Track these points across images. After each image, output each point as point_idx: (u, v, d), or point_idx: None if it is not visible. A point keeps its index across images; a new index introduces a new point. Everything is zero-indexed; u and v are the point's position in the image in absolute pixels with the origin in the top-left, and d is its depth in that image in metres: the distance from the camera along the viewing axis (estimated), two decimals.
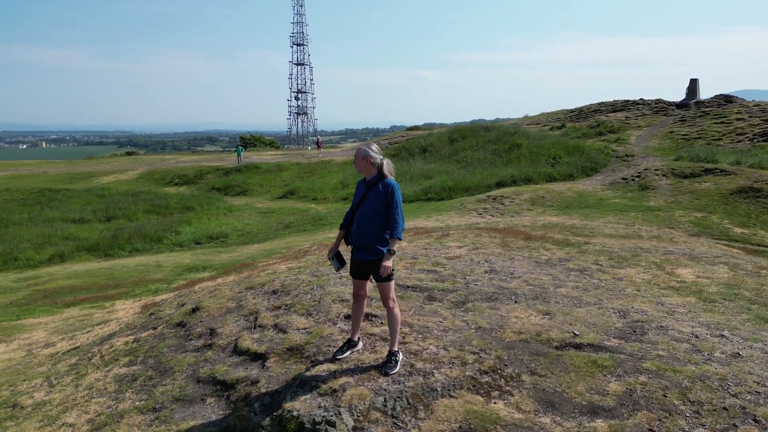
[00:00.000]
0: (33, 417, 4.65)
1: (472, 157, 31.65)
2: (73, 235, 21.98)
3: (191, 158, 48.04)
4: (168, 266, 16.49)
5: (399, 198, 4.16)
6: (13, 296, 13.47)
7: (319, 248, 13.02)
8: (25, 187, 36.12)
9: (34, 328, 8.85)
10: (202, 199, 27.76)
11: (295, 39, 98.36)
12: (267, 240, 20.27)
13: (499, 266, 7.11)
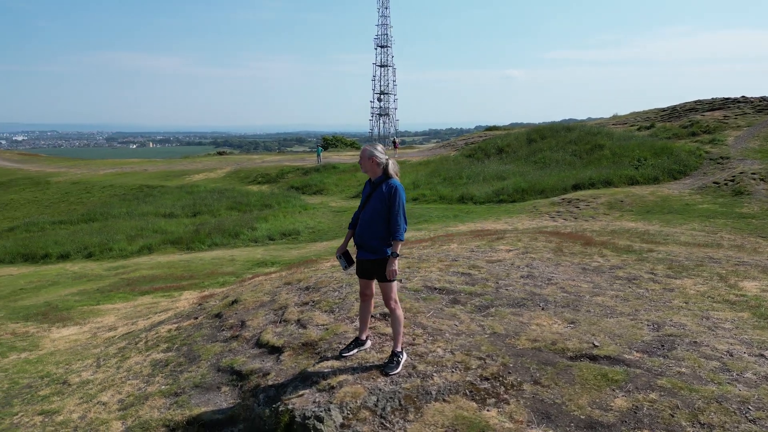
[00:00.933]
0: (75, 394, 5.12)
1: (550, 158, 30.59)
2: (162, 229, 23.66)
3: (275, 158, 50.09)
4: (240, 260, 17.34)
5: (402, 199, 4.15)
6: (101, 283, 14.76)
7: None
8: (127, 183, 39.36)
9: (108, 313, 9.67)
10: (280, 198, 28.88)
11: (380, 41, 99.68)
12: (335, 238, 20.75)
13: (540, 272, 6.87)
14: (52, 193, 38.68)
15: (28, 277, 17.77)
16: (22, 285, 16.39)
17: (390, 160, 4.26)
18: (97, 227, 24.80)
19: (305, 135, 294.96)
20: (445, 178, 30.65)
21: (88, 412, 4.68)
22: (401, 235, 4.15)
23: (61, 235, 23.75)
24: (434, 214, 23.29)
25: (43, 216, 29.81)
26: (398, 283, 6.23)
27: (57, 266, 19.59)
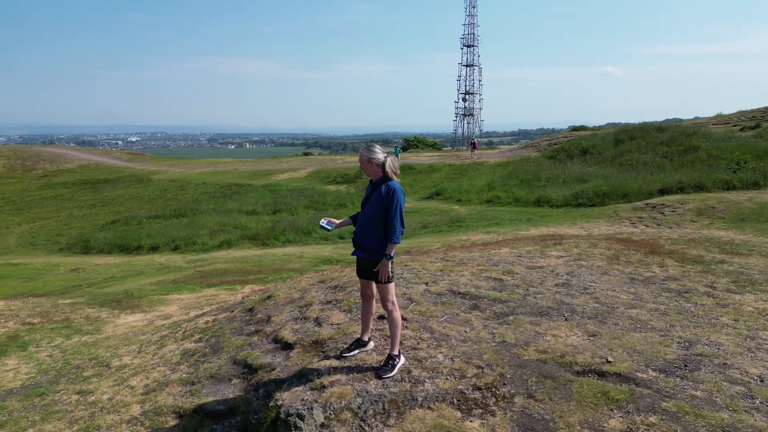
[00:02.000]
0: (111, 377, 5.54)
1: (637, 160, 28.79)
2: (242, 225, 24.91)
3: (354, 158, 51.04)
4: (309, 257, 17.88)
5: (399, 201, 4.10)
6: (178, 274, 15.80)
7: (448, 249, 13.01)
8: (218, 181, 41.76)
9: (172, 303, 10.34)
10: (355, 197, 29.40)
11: (466, 40, 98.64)
12: (403, 238, 20.83)
13: (580, 280, 6.51)
14: (153, 189, 41.81)
15: (120, 267, 19.41)
16: (113, 273, 17.93)
17: (388, 158, 4.22)
18: (185, 222, 26.54)
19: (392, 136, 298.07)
20: (522, 180, 29.76)
21: (117, 395, 5.05)
22: (397, 237, 4.11)
23: (154, 229, 25.67)
24: (506, 217, 22.72)
25: (142, 211, 32.33)
26: (424, 286, 6.16)
27: (147, 257, 21.22)
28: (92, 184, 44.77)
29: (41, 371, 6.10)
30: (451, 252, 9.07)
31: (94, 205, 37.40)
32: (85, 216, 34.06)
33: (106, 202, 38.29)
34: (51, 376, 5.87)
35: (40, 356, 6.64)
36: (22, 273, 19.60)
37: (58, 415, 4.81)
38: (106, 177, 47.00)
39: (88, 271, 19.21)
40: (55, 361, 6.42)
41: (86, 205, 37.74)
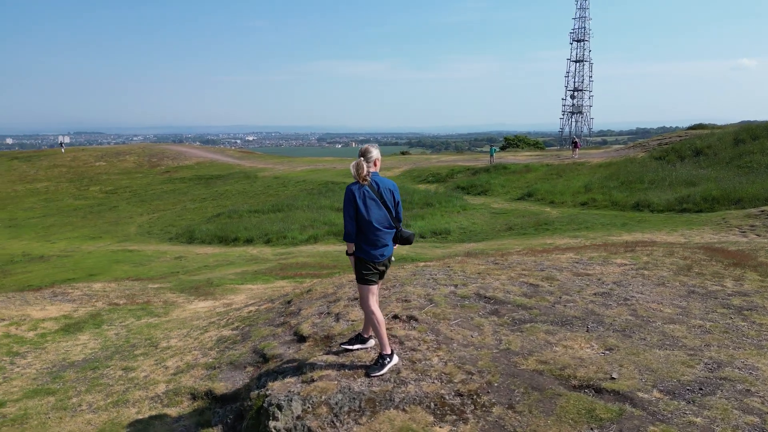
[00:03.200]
0: (154, 357, 6.04)
1: (759, 162, 25.90)
2: (330, 221, 25.74)
3: (450, 158, 50.70)
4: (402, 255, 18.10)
5: (345, 201, 4.18)
6: (262, 266, 16.72)
7: (528, 253, 12.61)
8: (316, 179, 43.48)
9: (242, 292, 10.99)
10: (442, 197, 29.26)
11: (576, 35, 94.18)
12: (484, 240, 20.44)
13: (625, 290, 6.04)
14: (258, 186, 44.43)
15: (216, 257, 20.90)
16: (208, 262, 19.36)
17: (355, 161, 4.23)
18: (280, 217, 27.93)
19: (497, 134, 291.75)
20: (623, 182, 27.91)
21: (152, 373, 5.51)
22: (344, 237, 4.20)
23: (251, 223, 27.30)
24: (599, 221, 21.48)
25: (245, 205, 34.48)
26: (452, 288, 6.05)
27: (241, 249, 22.65)
28: (206, 180, 48.45)
29: (104, 347, 6.80)
30: (506, 256, 8.79)
31: (205, 199, 40.47)
32: (196, 209, 36.97)
33: (215, 196, 41.28)
34: (109, 352, 6.53)
35: (108, 334, 7.40)
36: (135, 258, 21.75)
37: (99, 387, 5.36)
38: (219, 173, 50.64)
39: (189, 259, 20.89)
40: (119, 339, 7.12)
41: (198, 198, 40.94)
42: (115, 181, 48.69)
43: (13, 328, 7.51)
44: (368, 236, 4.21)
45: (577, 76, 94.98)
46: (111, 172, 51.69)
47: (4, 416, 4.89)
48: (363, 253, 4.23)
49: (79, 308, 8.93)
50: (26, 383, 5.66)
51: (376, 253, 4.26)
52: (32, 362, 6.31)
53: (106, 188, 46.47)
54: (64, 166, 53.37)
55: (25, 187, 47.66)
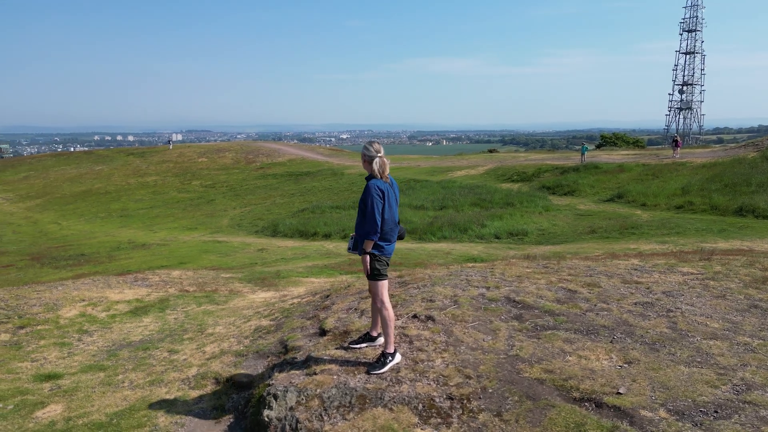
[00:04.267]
0: (197, 342, 6.43)
1: None
2: (406, 219, 25.86)
3: (539, 156, 49.01)
4: (455, 254, 17.94)
5: (372, 197, 4.08)
6: (333, 260, 17.16)
7: (588, 258, 12.00)
8: (400, 176, 43.80)
9: (303, 285, 11.36)
10: (524, 197, 28.39)
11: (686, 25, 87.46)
12: (563, 243, 19.60)
13: (672, 301, 5.57)
14: (343, 182, 45.57)
15: (294, 250, 21.73)
16: (286, 255, 20.18)
17: (378, 158, 4.21)
18: None
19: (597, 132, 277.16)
20: (726, 184, 25.59)
21: (190, 357, 5.88)
22: (369, 235, 4.10)
23: (332, 218, 28.07)
24: (693, 227, 19.90)
25: (328, 201, 35.52)
26: (484, 290, 5.90)
27: (318, 243, 23.37)
28: (296, 176, 50.42)
29: (161, 330, 7.34)
30: (561, 260, 8.41)
31: (293, 194, 42.15)
32: (284, 204, 38.62)
33: (303, 192, 42.86)
34: (163, 335, 7.04)
35: (168, 318, 7.97)
36: (221, 249, 23.14)
37: (144, 367, 5.80)
38: (308, 170, 52.49)
39: (270, 251, 21.88)
40: (175, 323, 7.65)
41: (287, 194, 42.72)
42: (215, 176, 51.95)
43: (90, 308, 8.31)
44: (386, 233, 4.23)
45: (687, 70, 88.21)
46: (211, 167, 55.23)
47: (58, 387, 5.44)
48: (379, 249, 4.25)
49: (152, 293, 9.68)
50: (85, 359, 6.25)
51: (390, 248, 4.29)
52: (96, 340, 6.95)
53: (205, 183, 49.73)
54: (171, 162, 57.76)
55: (137, 180, 52.17)
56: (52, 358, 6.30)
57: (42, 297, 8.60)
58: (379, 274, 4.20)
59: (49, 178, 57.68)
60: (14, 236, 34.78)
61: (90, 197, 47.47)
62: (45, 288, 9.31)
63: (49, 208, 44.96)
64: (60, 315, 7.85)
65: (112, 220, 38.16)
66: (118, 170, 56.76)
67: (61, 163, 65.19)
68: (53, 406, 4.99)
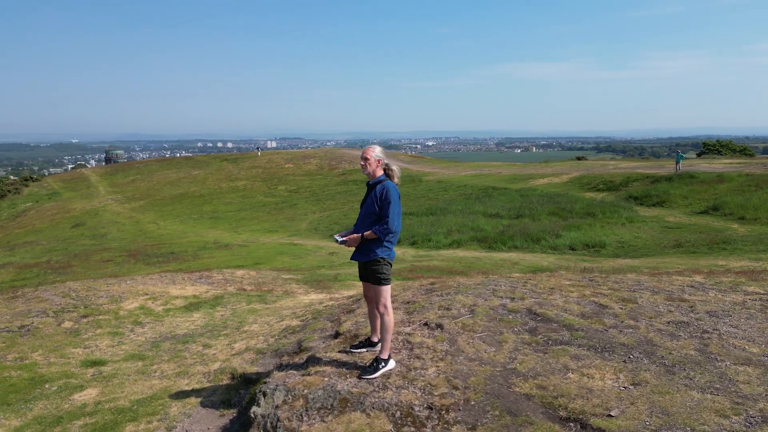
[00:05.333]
0: (230, 338, 6.71)
1: None
2: (477, 227, 25.43)
3: (630, 164, 46.35)
4: (523, 265, 17.39)
5: (393, 198, 4.07)
6: (396, 266, 17.21)
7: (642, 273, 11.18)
8: (478, 184, 43.19)
9: (356, 288, 11.50)
10: (607, 207, 26.96)
11: None
12: (643, 256, 18.40)
13: (711, 321, 5.06)
14: (420, 189, 45.64)
15: None
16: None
17: (396, 163, 4.24)
18: (431, 220, 28.39)
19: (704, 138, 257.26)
20: None
21: (219, 352, 6.16)
22: (381, 233, 4.07)
23: (403, 224, 28.18)
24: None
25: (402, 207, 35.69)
26: (507, 301, 5.69)
27: None
28: None
29: (205, 325, 7.73)
30: (611, 274, 7.92)
31: None
32: None
33: None
34: (205, 330, 7.42)
35: (216, 314, 8.39)
36: (295, 251, 23.95)
37: (177, 359, 6.15)
38: None
39: (340, 255, 22.34)
40: (221, 320, 8.03)
41: None
42: (299, 181, 53.92)
43: (150, 302, 8.94)
44: (394, 237, 4.25)
45: None
46: (297, 173, 57.38)
47: (100, 373, 5.90)
48: (389, 253, 4.25)
49: (210, 290, 10.24)
50: (131, 348, 6.73)
51: (394, 254, 4.30)
52: (147, 332, 7.46)
53: (290, 188, 51.74)
54: (260, 167, 60.64)
55: (228, 184, 55.27)
56: (103, 346, 6.84)
57: (110, 290, 9.36)
58: (386, 278, 4.20)
59: (152, 181, 62.57)
60: (118, 234, 38.08)
61: (186, 199, 50.92)
62: (116, 282, 10.13)
63: (150, 209, 48.74)
64: (121, 307, 8.50)
65: (203, 221, 40.68)
66: (212, 175, 60.45)
67: (164, 168, 70.47)
68: (90, 390, 5.41)
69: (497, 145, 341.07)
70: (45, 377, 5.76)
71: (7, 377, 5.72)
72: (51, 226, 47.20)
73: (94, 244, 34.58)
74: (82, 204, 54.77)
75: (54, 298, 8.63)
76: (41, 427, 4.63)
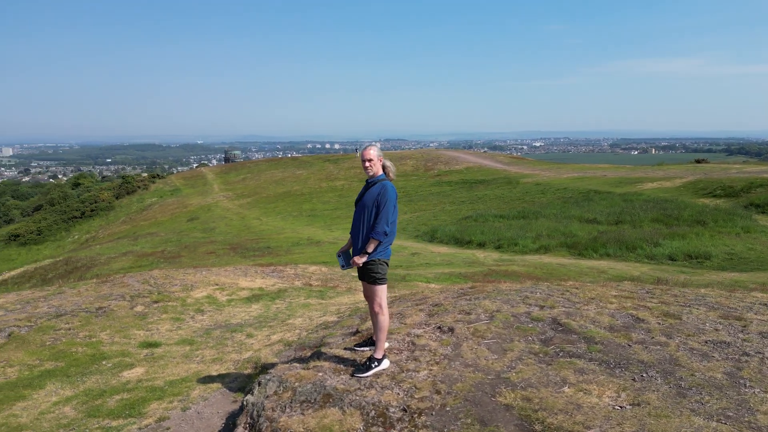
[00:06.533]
0: (272, 329, 7.01)
1: None
2: (569, 232, 24.24)
3: (756, 168, 41.68)
4: (611, 274, 16.37)
5: (392, 200, 4.07)
6: (472, 269, 16.92)
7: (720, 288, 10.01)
8: (579, 187, 41.11)
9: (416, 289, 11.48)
10: (721, 214, 24.53)
11: None
12: (753, 271, 16.59)
13: (757, 343, 4.45)
14: (516, 191, 44.37)
15: (443, 256, 21.88)
16: (433, 260, 20.44)
17: (390, 162, 4.23)
18: (520, 224, 27.51)
19: None
20: None
21: (257, 342, 6.47)
22: (379, 234, 4.07)
23: (491, 227, 27.56)
24: None
25: (494, 210, 34.92)
26: (536, 309, 5.42)
27: (469, 252, 23.18)
28: (470, 184, 50.51)
29: (258, 316, 8.14)
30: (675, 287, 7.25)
31: (463, 202, 42.32)
32: (452, 211, 38.99)
33: (473, 200, 42.77)
34: (256, 321, 7.80)
35: (272, 307, 8.78)
36: None
37: (220, 346, 6.55)
38: (483, 178, 52.20)
39: (421, 256, 22.38)
40: (274, 312, 8.40)
41: (457, 201, 43.04)
42: (394, 182, 54.58)
43: (218, 292, 9.57)
44: (391, 237, 4.28)
45: None
46: None
47: (152, 354, 6.45)
48: (384, 254, 4.28)
49: (277, 284, 10.74)
50: (186, 333, 7.27)
51: (390, 251, 4.31)
52: (205, 319, 8.01)
53: None
54: (359, 168, 62.16)
55: (327, 184, 57.35)
56: (163, 330, 7.45)
57: (185, 279, 10.15)
58: (381, 278, 4.21)
59: (260, 180, 66.50)
60: (225, 228, 40.95)
61: (288, 198, 53.56)
62: (192, 272, 10.95)
63: (256, 205, 51.85)
64: (190, 295, 9.19)
65: (301, 218, 42.56)
66: (314, 174, 63.01)
67: (271, 167, 74.59)
68: (137, 369, 5.94)
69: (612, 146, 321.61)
70: (105, 354, 6.41)
71: (74, 352, 6.44)
72: (170, 220, 51.86)
73: (203, 237, 37.47)
74: (198, 200, 59.51)
75: (135, 284, 9.53)
76: (86, 399, 5.16)
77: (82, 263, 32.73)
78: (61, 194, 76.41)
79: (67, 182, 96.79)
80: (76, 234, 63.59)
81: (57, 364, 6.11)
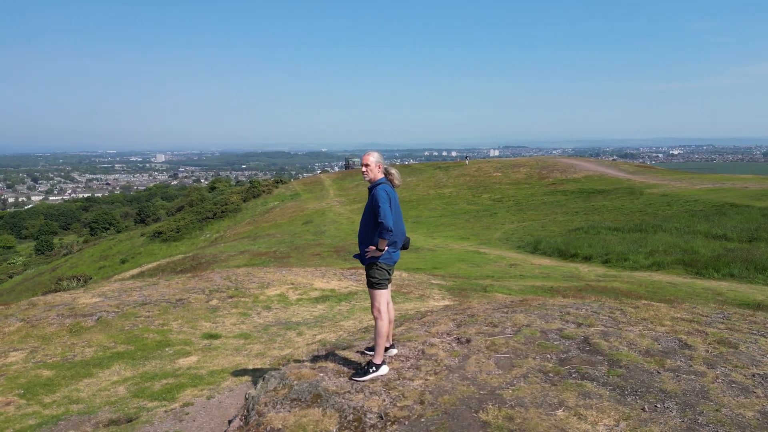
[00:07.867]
0: (320, 330, 7.18)
1: None
2: (690, 248, 22.00)
3: None
4: (728, 296, 14.69)
5: (381, 198, 4.03)
6: (568, 284, 16.01)
7: None
8: (712, 199, 37.17)
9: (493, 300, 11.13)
10: None
11: None
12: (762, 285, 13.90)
13: None
14: (638, 203, 41.15)
15: (543, 269, 20.91)
16: (530, 273, 19.63)
17: (393, 166, 4.20)
18: (635, 237, 25.45)
19: None
20: None
21: (302, 340, 6.69)
22: (385, 233, 4.04)
23: (602, 240, 25.83)
24: None
25: (609, 222, 32.68)
26: (571, 327, 5.03)
27: (573, 265, 21.91)
28: (587, 194, 47.77)
29: (318, 316, 8.38)
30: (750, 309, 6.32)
31: (577, 213, 40.11)
32: (563, 221, 37.12)
33: (589, 210, 40.39)
34: (313, 321, 8.05)
35: (336, 308, 8.96)
36: (476, 260, 23.87)
37: (269, 342, 6.85)
38: (603, 188, 49.09)
39: (519, 267, 21.60)
40: (334, 313, 8.60)
41: (571, 212, 40.89)
42: (504, 190, 53.28)
43: (291, 291, 10.02)
44: (397, 238, 4.28)
45: None
46: (503, 182, 56.79)
47: (209, 345, 6.92)
48: (389, 259, 4.27)
49: (351, 286, 10.99)
50: (247, 328, 7.70)
51: (396, 256, 4.28)
52: (268, 316, 8.43)
53: (494, 196, 51.45)
54: (468, 176, 61.58)
55: (436, 191, 57.40)
56: (228, 323, 7.97)
57: (264, 277, 10.75)
58: (378, 282, 4.19)
59: None
60: (334, 232, 42.59)
61: None
62: (273, 270, 11.56)
63: None
64: (264, 292, 9.72)
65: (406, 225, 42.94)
66: (423, 182, 63.40)
67: None
68: (192, 358, 6.42)
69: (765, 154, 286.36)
70: (170, 342, 7.00)
71: (145, 338, 7.12)
72: (288, 222, 55.03)
73: (313, 239, 39.29)
74: (314, 204, 62.52)
75: (217, 279, 10.29)
76: (140, 381, 5.69)
77: (206, 259, 35.84)
78: (199, 197, 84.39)
79: (205, 186, 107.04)
80: (208, 233, 69.79)
81: (128, 347, 6.79)
